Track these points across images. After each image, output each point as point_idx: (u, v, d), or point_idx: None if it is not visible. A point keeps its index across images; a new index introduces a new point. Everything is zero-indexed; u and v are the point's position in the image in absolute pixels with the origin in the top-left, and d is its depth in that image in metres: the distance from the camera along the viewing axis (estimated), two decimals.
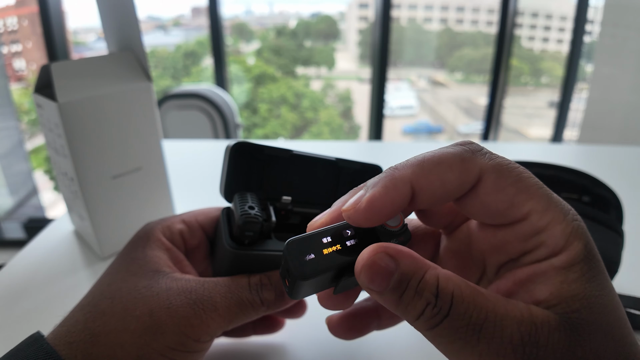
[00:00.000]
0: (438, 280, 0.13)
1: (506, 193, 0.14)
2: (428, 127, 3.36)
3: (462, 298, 0.13)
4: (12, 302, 0.32)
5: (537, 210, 0.14)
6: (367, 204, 0.14)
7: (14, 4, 2.10)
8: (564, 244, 0.13)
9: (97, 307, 0.19)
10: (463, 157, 0.14)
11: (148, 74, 0.35)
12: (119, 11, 0.35)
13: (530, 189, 0.14)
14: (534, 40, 2.71)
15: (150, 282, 0.19)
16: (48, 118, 0.32)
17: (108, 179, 0.34)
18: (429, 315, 0.13)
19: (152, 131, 0.36)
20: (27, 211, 1.89)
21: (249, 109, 2.98)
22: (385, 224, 0.15)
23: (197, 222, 0.24)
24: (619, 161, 0.60)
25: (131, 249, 0.22)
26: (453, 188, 0.14)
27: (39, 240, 0.40)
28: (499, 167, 0.14)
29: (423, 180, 0.14)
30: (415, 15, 2.95)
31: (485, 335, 0.12)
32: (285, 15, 3.29)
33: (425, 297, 0.13)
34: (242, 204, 0.21)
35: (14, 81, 2.27)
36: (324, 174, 0.24)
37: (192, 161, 0.59)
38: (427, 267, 0.13)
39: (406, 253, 0.14)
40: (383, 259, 0.13)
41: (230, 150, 0.21)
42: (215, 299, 0.19)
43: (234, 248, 0.20)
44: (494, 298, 0.13)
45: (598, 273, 0.14)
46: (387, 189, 0.14)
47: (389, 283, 0.13)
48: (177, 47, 2.97)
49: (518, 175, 0.14)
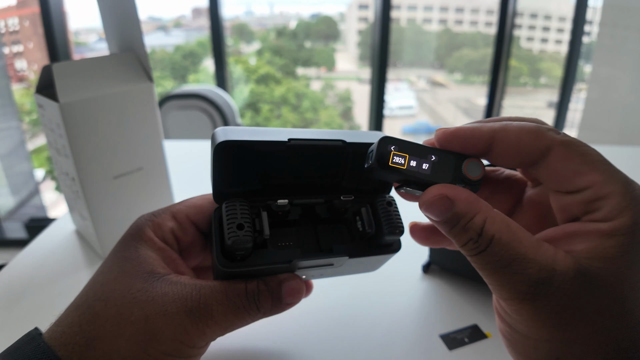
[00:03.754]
0: (485, 223, 0.16)
1: (573, 163, 0.16)
2: (427, 127, 3.36)
3: (500, 240, 0.16)
4: (14, 301, 0.32)
5: (599, 181, 0.15)
6: (454, 130, 0.18)
7: (15, 4, 2.11)
8: (617, 214, 0.15)
9: (92, 309, 0.18)
10: (539, 128, 0.16)
11: (149, 75, 0.35)
12: (120, 12, 0.35)
13: (594, 162, 0.16)
14: (533, 41, 2.72)
15: (145, 286, 0.19)
16: (49, 118, 0.33)
17: (109, 179, 0.34)
18: (470, 246, 0.16)
19: (153, 131, 0.36)
20: (29, 211, 1.89)
21: (251, 109, 2.98)
22: (466, 172, 0.17)
23: (188, 218, 0.23)
24: (617, 161, 0.59)
25: (124, 247, 0.21)
26: (526, 151, 0.16)
27: (41, 240, 0.40)
28: (567, 141, 0.16)
29: (504, 134, 0.17)
30: (415, 16, 2.96)
31: (510, 270, 0.15)
32: (285, 16, 3.29)
33: (470, 234, 0.16)
34: (231, 220, 0.19)
35: (16, 82, 2.27)
36: (328, 159, 0.21)
37: (193, 161, 0.59)
38: (479, 210, 0.16)
39: (463, 197, 0.16)
40: (443, 199, 0.17)
41: (215, 150, 0.19)
42: (211, 307, 0.19)
43: (225, 266, 0.19)
44: (528, 243, 0.16)
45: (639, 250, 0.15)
46: (474, 130, 0.17)
47: (444, 217, 0.17)
48: (177, 48, 2.97)
49: (584, 150, 0.16)
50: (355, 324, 0.30)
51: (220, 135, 0.19)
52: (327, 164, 0.22)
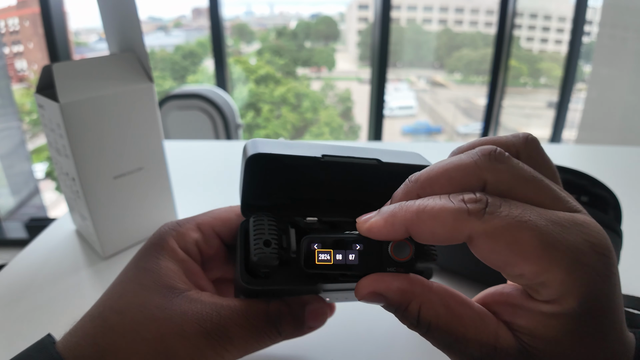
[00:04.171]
0: (419, 311, 0.16)
1: (500, 255, 0.14)
2: (427, 127, 3.37)
3: (437, 325, 0.16)
4: (14, 301, 0.32)
5: (533, 271, 0.14)
6: (367, 229, 0.17)
7: (15, 4, 2.11)
8: (558, 297, 0.14)
9: (107, 322, 0.18)
10: (456, 217, 0.14)
11: (149, 75, 0.35)
12: (120, 12, 0.35)
13: (526, 252, 0.14)
14: (532, 41, 2.72)
15: (163, 302, 0.18)
16: (50, 118, 0.33)
17: (109, 179, 0.34)
18: (413, 329, 0.16)
19: (154, 132, 0.36)
20: (29, 211, 1.89)
21: (251, 109, 2.99)
22: (393, 254, 0.17)
23: (213, 230, 0.22)
24: (617, 161, 0.60)
25: (144, 258, 0.20)
26: (444, 240, 0.15)
27: (41, 240, 0.40)
28: (491, 231, 0.14)
29: (416, 228, 0.16)
30: (415, 16, 2.96)
31: (453, 350, 0.16)
32: (285, 16, 3.29)
33: (409, 320, 0.16)
34: (258, 236, 0.18)
35: (16, 82, 2.27)
36: (361, 178, 0.21)
37: (193, 161, 0.59)
38: (412, 298, 0.16)
39: (393, 287, 0.16)
40: (373, 295, 0.16)
41: (246, 162, 0.18)
42: (231, 330, 0.18)
43: (248, 283, 0.18)
44: (469, 321, 0.15)
45: (588, 332, 0.14)
46: (387, 224, 0.16)
47: (383, 306, 0.17)
48: (177, 48, 2.97)
49: (513, 238, 0.14)
50: (355, 324, 0.30)
51: (252, 147, 0.18)
52: (359, 183, 0.21)
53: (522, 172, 0.15)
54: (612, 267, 0.14)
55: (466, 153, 0.16)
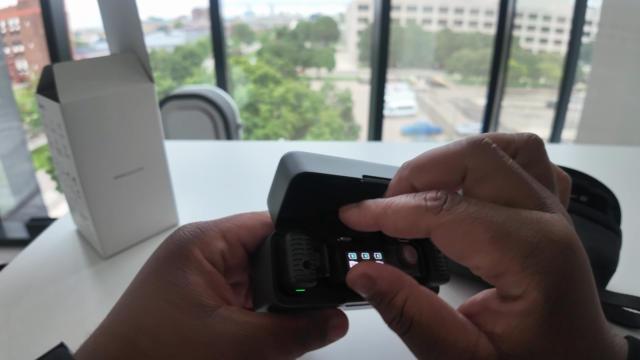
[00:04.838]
0: (405, 304, 0.16)
1: (455, 246, 0.15)
2: (427, 127, 3.37)
3: (419, 322, 0.15)
4: (15, 301, 0.32)
5: (487, 262, 0.14)
6: (345, 217, 0.19)
7: (16, 5, 2.11)
8: (521, 293, 0.14)
9: (136, 345, 0.17)
10: (415, 213, 0.16)
11: (150, 75, 0.35)
12: (121, 12, 0.35)
13: (478, 243, 0.14)
14: (532, 42, 2.72)
15: (197, 324, 0.17)
16: (50, 118, 0.33)
17: (110, 179, 0.35)
18: (395, 326, 0.16)
19: (154, 132, 0.36)
20: (30, 211, 1.90)
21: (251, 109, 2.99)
22: (404, 256, 0.19)
23: (238, 239, 0.21)
24: (616, 161, 0.60)
25: (169, 269, 0.19)
26: (407, 233, 0.16)
27: (42, 240, 0.40)
28: (445, 223, 0.15)
29: (383, 221, 0.17)
30: (415, 16, 2.96)
31: (432, 354, 0.15)
32: (285, 17, 3.29)
33: (393, 313, 0.16)
34: (297, 257, 0.18)
35: (17, 82, 2.27)
36: None
37: (194, 162, 0.59)
38: (400, 289, 0.16)
39: (385, 275, 0.16)
40: (364, 277, 0.17)
41: (292, 181, 0.18)
42: (266, 352, 0.18)
43: (282, 302, 0.18)
44: (450, 326, 0.15)
45: (561, 329, 0.14)
46: (359, 215, 0.18)
47: (369, 295, 0.17)
48: (177, 48, 2.97)
49: (465, 230, 0.15)
50: (355, 324, 0.30)
51: (293, 163, 0.18)
52: None
53: (503, 165, 0.16)
54: (576, 264, 0.14)
55: (456, 141, 0.17)
